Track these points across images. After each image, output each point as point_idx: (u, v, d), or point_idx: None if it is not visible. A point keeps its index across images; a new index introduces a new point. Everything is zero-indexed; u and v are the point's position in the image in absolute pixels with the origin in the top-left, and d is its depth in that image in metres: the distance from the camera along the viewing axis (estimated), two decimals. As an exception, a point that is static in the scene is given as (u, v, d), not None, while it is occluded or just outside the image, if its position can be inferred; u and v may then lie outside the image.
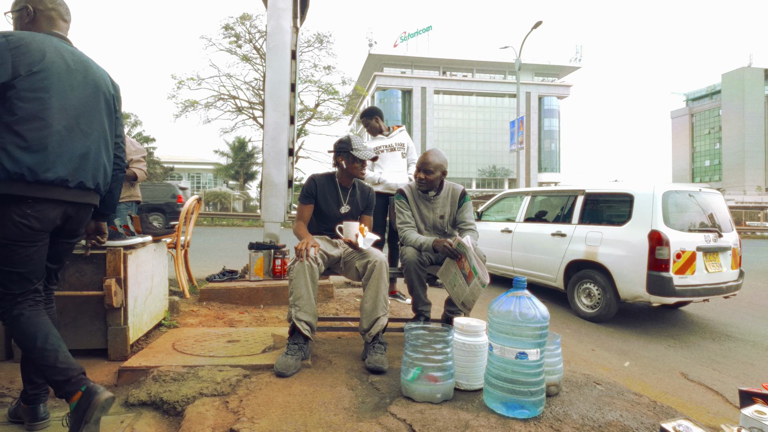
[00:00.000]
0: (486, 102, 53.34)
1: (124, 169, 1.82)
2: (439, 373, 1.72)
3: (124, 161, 1.82)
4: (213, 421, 1.57)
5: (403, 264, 2.42)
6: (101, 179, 1.64)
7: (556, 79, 55.98)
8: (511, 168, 50.31)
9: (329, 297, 3.83)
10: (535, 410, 1.61)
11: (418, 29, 56.29)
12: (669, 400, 2.21)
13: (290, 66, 4.04)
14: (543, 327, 1.60)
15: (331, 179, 2.51)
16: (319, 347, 2.43)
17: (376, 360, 2.07)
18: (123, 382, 1.99)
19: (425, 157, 2.57)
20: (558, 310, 4.29)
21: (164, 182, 19.03)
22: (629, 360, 2.90)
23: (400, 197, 2.66)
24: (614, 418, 1.63)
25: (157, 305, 2.73)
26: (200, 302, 3.49)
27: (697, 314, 4.23)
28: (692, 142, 62.43)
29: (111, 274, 2.19)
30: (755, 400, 1.61)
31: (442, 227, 2.65)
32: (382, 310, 2.18)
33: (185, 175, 45.29)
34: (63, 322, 2.21)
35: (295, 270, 2.14)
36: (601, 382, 2.04)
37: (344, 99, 23.94)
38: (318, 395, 1.78)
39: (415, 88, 50.83)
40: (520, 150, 18.20)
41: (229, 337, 2.50)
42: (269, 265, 3.75)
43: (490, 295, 4.30)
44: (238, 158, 31.36)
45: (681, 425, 1.44)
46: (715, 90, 60.02)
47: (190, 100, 22.53)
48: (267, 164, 3.93)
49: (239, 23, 21.07)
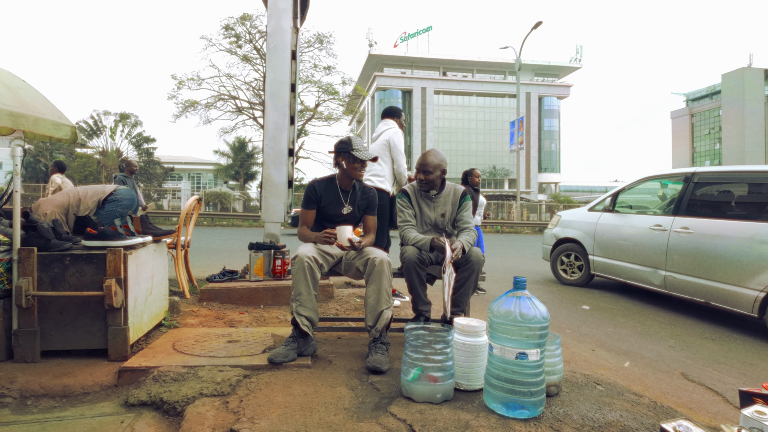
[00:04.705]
0: (486, 102, 53.35)
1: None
2: (439, 374, 1.72)
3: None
4: (213, 422, 1.57)
5: (403, 263, 2.42)
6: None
7: (556, 79, 55.99)
8: (511, 168, 50.31)
9: (329, 297, 3.83)
10: (535, 410, 1.61)
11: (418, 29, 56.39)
12: (669, 401, 2.21)
13: (290, 66, 4.04)
14: (543, 327, 1.60)
15: (331, 182, 2.52)
16: (319, 347, 2.43)
17: (376, 360, 2.07)
18: (123, 382, 1.99)
19: (424, 158, 2.59)
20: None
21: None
22: (629, 360, 2.89)
23: (402, 196, 2.68)
24: (614, 419, 1.63)
25: (157, 305, 2.73)
26: (200, 302, 3.49)
27: (697, 314, 4.23)
28: (692, 142, 62.41)
29: (111, 274, 2.19)
30: (755, 400, 1.60)
31: (443, 226, 2.67)
32: (386, 304, 2.18)
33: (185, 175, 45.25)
34: (63, 322, 2.22)
35: (295, 268, 2.17)
36: (601, 383, 2.04)
37: (344, 99, 23.97)
38: (318, 395, 1.78)
39: (415, 89, 50.85)
40: (520, 150, 18.23)
41: (229, 338, 2.51)
42: (269, 266, 3.75)
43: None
44: (238, 158, 31.35)
45: (681, 425, 1.44)
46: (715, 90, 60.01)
47: (190, 100, 22.58)
48: (267, 164, 3.93)
49: (239, 23, 21.11)
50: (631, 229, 4.82)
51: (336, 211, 2.49)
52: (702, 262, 3.99)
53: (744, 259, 3.65)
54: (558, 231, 5.89)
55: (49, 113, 2.28)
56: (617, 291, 5.27)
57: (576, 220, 5.71)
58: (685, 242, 4.17)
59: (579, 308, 4.39)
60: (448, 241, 2.33)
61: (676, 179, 4.83)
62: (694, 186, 4.37)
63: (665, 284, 4.36)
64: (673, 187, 4.91)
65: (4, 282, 2.18)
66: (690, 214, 4.26)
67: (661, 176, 5.13)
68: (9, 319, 2.18)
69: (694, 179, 4.38)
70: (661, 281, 4.40)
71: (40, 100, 2.30)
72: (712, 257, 3.90)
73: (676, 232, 4.27)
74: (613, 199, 5.26)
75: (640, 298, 4.87)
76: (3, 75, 2.23)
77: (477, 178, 5.33)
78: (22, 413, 1.77)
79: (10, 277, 2.18)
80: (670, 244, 4.31)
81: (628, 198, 5.36)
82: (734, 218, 3.92)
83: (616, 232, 5.01)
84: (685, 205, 4.34)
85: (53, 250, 2.23)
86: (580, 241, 5.52)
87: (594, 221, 5.37)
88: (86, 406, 1.84)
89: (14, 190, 2.23)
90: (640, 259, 4.65)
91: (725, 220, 3.95)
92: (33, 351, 2.16)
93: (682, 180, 4.51)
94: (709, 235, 3.97)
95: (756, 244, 3.59)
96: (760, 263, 3.52)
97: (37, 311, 2.18)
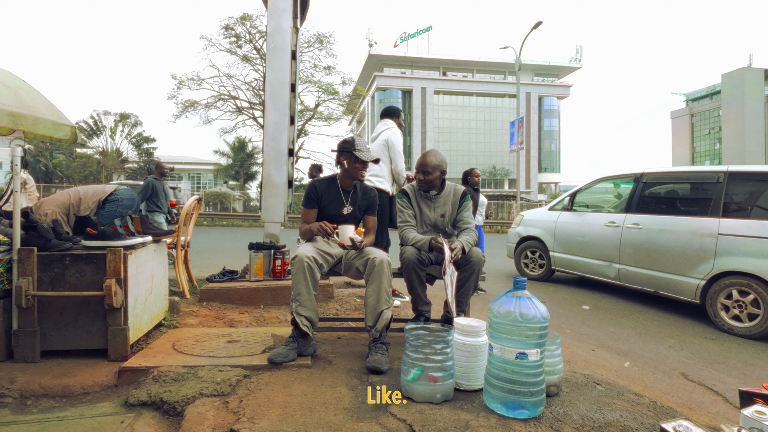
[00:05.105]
0: (486, 102, 53.34)
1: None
2: (439, 374, 1.72)
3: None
4: (213, 422, 1.57)
5: (403, 263, 2.42)
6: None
7: (556, 79, 55.97)
8: (511, 168, 50.29)
9: (329, 297, 3.83)
10: (535, 410, 1.61)
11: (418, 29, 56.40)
12: (669, 401, 2.21)
13: (290, 66, 4.04)
14: (543, 327, 1.60)
15: (332, 182, 2.52)
16: (319, 347, 2.43)
17: (376, 360, 2.07)
18: (123, 382, 1.99)
19: (424, 158, 2.58)
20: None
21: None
22: (629, 360, 2.89)
23: (402, 197, 2.68)
24: (614, 419, 1.63)
25: (157, 305, 2.73)
26: (200, 302, 3.49)
27: (697, 314, 4.23)
28: (692, 142, 62.36)
29: (111, 274, 2.19)
30: (755, 400, 1.60)
31: (443, 226, 2.66)
32: (385, 304, 2.18)
33: (185, 175, 45.25)
34: (63, 322, 2.21)
35: (295, 268, 2.17)
36: (601, 383, 2.04)
37: (344, 99, 23.95)
38: (318, 395, 1.78)
39: (415, 89, 50.83)
40: (520, 150, 18.22)
41: (229, 338, 2.50)
42: (269, 266, 3.74)
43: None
44: (238, 158, 31.34)
45: (681, 425, 1.44)
46: (715, 90, 59.96)
47: (190, 100, 22.58)
48: (267, 164, 3.93)
49: (239, 23, 21.10)
50: (587, 227, 5.18)
51: (336, 211, 2.49)
52: (651, 255, 4.36)
53: (687, 251, 4.05)
54: (521, 230, 6.18)
55: (49, 113, 2.28)
56: (617, 291, 5.27)
57: (537, 219, 6.03)
58: (636, 237, 4.54)
59: (579, 308, 4.39)
60: (446, 242, 2.33)
61: (627, 180, 5.14)
62: (644, 186, 4.74)
63: (619, 276, 4.72)
64: (626, 186, 5.19)
65: (4, 282, 2.18)
66: (640, 211, 4.62)
67: (615, 177, 5.48)
68: (9, 319, 2.18)
69: (643, 179, 4.76)
70: (615, 274, 4.76)
71: (39, 100, 2.30)
72: (659, 250, 4.28)
73: (628, 228, 4.62)
74: (571, 199, 5.64)
75: (640, 299, 4.87)
76: (3, 75, 2.23)
77: (477, 178, 5.34)
78: (22, 413, 1.77)
79: (10, 277, 2.18)
80: (623, 239, 4.66)
81: (584, 198, 5.74)
82: (678, 214, 4.31)
83: (575, 229, 5.36)
84: (635, 203, 4.70)
85: (53, 250, 2.23)
86: (541, 239, 5.84)
87: (554, 220, 5.72)
88: (86, 406, 1.84)
89: (14, 190, 2.23)
90: (596, 254, 5.00)
91: (671, 216, 4.34)
92: (33, 351, 2.16)
93: (633, 180, 4.86)
94: (657, 230, 4.35)
95: (697, 237, 3.99)
96: (701, 254, 3.93)
97: (37, 311, 2.18)
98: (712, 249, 3.84)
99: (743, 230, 3.71)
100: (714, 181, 4.11)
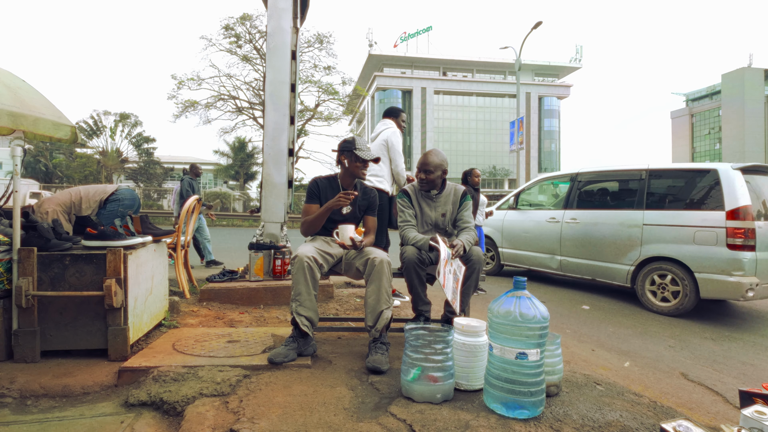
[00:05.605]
0: (486, 102, 53.34)
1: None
2: (439, 374, 1.72)
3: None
4: (213, 422, 1.57)
5: (403, 263, 2.42)
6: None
7: (556, 79, 55.97)
8: (511, 168, 50.27)
9: (329, 297, 3.83)
10: (535, 410, 1.61)
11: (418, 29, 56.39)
12: (669, 401, 2.21)
13: (290, 66, 4.04)
14: (543, 327, 1.60)
15: (332, 181, 2.53)
16: (319, 347, 2.43)
17: (375, 360, 2.07)
18: (123, 382, 1.99)
19: (425, 158, 2.59)
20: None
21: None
22: (629, 360, 2.89)
23: (403, 196, 2.68)
24: (614, 419, 1.63)
25: (157, 305, 2.73)
26: (200, 302, 3.49)
27: (696, 314, 4.23)
28: (692, 142, 62.35)
29: (111, 274, 2.19)
30: (755, 400, 1.60)
31: (443, 225, 2.66)
32: (385, 304, 2.18)
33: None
34: (63, 322, 2.21)
35: (295, 268, 2.17)
36: (601, 383, 2.04)
37: (344, 99, 23.95)
38: (318, 395, 1.78)
39: (415, 89, 50.83)
40: (520, 150, 18.21)
41: (229, 338, 2.50)
42: (269, 266, 3.74)
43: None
44: (238, 158, 31.35)
45: (681, 425, 1.44)
46: (715, 90, 59.94)
47: (190, 100, 22.57)
48: (267, 164, 3.93)
49: (239, 23, 21.09)
50: (531, 223, 5.67)
51: (337, 211, 2.49)
52: (588, 246, 4.87)
53: (618, 241, 4.57)
54: None
55: (49, 113, 2.28)
56: (617, 291, 5.27)
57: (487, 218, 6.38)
58: (574, 230, 5.04)
59: (579, 308, 4.39)
60: (445, 240, 2.32)
61: (564, 179, 5.67)
62: (578, 184, 5.25)
63: (561, 267, 5.19)
64: (564, 186, 5.64)
65: (4, 282, 2.18)
66: (577, 207, 5.14)
67: (553, 177, 6.04)
68: (9, 319, 2.18)
69: (578, 179, 5.28)
70: (557, 265, 5.23)
71: (39, 100, 2.30)
72: (595, 241, 4.80)
73: (567, 222, 5.14)
74: (516, 198, 6.14)
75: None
76: (3, 75, 2.23)
77: (477, 178, 5.34)
78: (22, 413, 1.77)
79: (10, 277, 2.18)
80: (562, 233, 5.17)
81: (527, 197, 6.25)
82: (610, 208, 4.83)
83: (520, 226, 5.85)
84: (572, 199, 5.23)
85: (53, 250, 2.23)
86: (490, 236, 6.26)
87: (501, 218, 6.16)
88: (86, 406, 1.84)
89: (14, 190, 2.23)
90: (540, 248, 5.48)
91: (603, 210, 4.86)
92: (33, 351, 2.16)
93: (569, 180, 5.38)
94: (592, 223, 4.87)
95: (626, 228, 4.52)
96: (630, 243, 4.47)
97: (37, 311, 2.18)
98: (639, 238, 4.37)
99: (662, 220, 4.24)
100: (638, 178, 4.62)
